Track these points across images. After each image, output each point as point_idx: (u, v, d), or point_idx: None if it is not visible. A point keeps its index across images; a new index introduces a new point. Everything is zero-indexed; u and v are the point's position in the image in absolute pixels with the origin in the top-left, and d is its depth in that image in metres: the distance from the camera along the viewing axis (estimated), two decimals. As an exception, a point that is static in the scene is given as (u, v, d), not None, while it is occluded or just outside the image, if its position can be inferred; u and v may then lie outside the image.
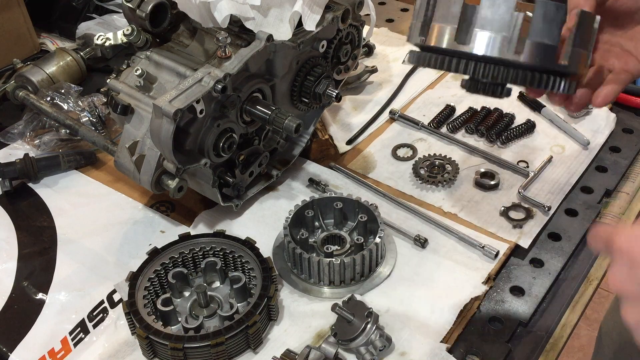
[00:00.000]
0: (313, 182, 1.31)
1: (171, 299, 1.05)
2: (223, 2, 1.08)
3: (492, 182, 1.29)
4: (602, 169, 1.35)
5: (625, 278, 0.63)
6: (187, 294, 1.10)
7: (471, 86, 0.87)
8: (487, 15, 0.78)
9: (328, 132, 1.45)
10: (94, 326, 1.07)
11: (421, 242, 1.17)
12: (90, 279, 1.15)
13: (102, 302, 1.10)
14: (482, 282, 1.10)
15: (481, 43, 0.79)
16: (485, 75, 0.81)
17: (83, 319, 1.08)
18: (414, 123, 1.47)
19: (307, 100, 1.26)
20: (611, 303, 1.36)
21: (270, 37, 1.09)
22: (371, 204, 1.16)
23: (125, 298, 1.03)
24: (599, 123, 1.44)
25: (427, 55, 0.84)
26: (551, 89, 0.82)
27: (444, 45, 0.82)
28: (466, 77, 0.86)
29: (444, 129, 1.47)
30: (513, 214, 1.23)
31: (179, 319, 1.04)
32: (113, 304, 1.10)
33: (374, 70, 1.61)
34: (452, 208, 1.26)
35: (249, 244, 1.10)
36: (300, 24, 1.15)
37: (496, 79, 0.81)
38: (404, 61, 0.90)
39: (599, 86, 0.89)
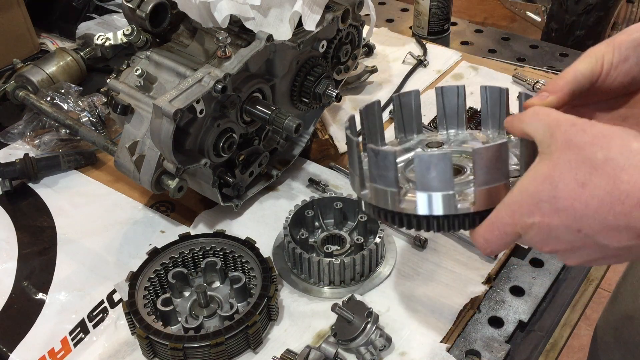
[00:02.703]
0: (313, 182, 1.31)
1: (171, 299, 1.05)
2: (223, 2, 1.08)
3: (492, 182, 1.29)
4: (602, 169, 1.34)
5: (553, 241, 0.67)
6: (187, 294, 1.10)
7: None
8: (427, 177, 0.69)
9: (328, 132, 1.45)
10: (94, 326, 1.07)
11: (421, 242, 1.17)
12: (90, 279, 1.15)
13: (102, 302, 1.10)
14: (482, 282, 1.10)
15: (422, 204, 0.71)
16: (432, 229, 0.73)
17: (83, 319, 1.08)
18: (414, 123, 1.47)
19: (307, 100, 1.26)
20: (606, 305, 1.36)
21: (270, 37, 1.09)
22: (371, 204, 1.16)
23: (125, 298, 1.03)
24: (599, 123, 1.44)
25: (386, 214, 0.76)
26: None
27: (394, 209, 0.74)
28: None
29: (444, 129, 1.47)
30: (513, 214, 1.23)
31: (179, 319, 1.04)
32: (113, 304, 1.10)
33: (374, 70, 1.61)
34: (452, 208, 1.25)
35: (249, 244, 1.10)
36: (300, 24, 1.15)
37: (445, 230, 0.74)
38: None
39: None
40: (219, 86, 1.03)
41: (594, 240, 0.63)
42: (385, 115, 1.51)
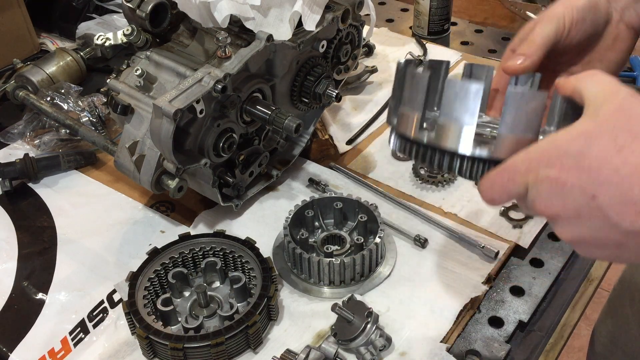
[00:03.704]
0: (313, 182, 1.31)
1: (171, 299, 1.05)
2: (223, 2, 1.08)
3: (492, 182, 1.29)
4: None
5: (559, 201, 0.61)
6: (187, 294, 1.10)
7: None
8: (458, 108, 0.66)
9: (328, 132, 1.45)
10: (94, 326, 1.07)
11: (421, 242, 1.17)
12: (90, 279, 1.15)
13: (102, 302, 1.10)
14: (482, 282, 1.10)
15: (464, 140, 0.67)
16: (468, 174, 0.70)
17: (83, 319, 1.08)
18: (414, 123, 1.47)
19: (307, 100, 1.26)
20: (603, 308, 1.36)
21: (270, 37, 1.09)
22: (371, 204, 1.16)
23: (125, 298, 1.03)
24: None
25: (406, 145, 0.73)
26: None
27: (411, 135, 0.71)
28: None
29: (444, 129, 1.46)
30: (513, 214, 1.23)
31: (179, 319, 1.04)
32: (113, 304, 1.10)
33: (374, 70, 1.61)
34: (452, 208, 1.26)
35: (249, 244, 1.10)
36: (300, 24, 1.15)
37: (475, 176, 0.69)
38: (392, 150, 0.79)
39: None
40: (219, 86, 1.03)
41: (605, 214, 0.58)
42: (385, 116, 1.51)
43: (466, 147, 0.66)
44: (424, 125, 0.70)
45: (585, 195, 0.58)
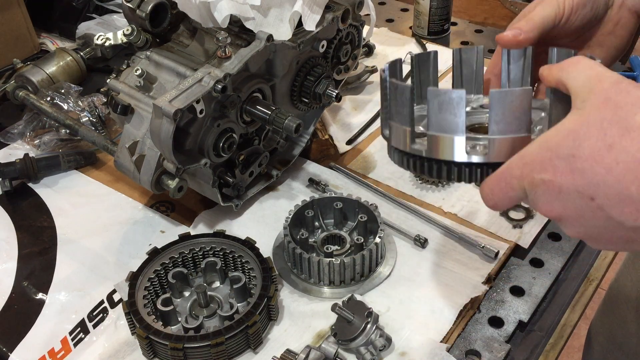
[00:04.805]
0: (313, 182, 1.31)
1: (171, 299, 1.05)
2: (223, 2, 1.08)
3: (492, 182, 1.29)
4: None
5: (559, 204, 0.60)
6: (187, 294, 1.10)
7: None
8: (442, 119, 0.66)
9: (328, 132, 1.45)
10: (94, 326, 1.07)
11: (421, 242, 1.17)
12: (90, 279, 1.15)
13: (102, 302, 1.10)
14: (482, 282, 1.10)
15: (457, 150, 0.67)
16: (468, 179, 0.69)
17: (83, 319, 1.08)
18: (414, 123, 1.47)
19: (307, 100, 1.26)
20: (599, 306, 1.36)
21: (270, 37, 1.09)
22: (371, 204, 1.16)
23: (125, 298, 1.03)
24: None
25: (403, 158, 0.73)
26: None
27: (405, 149, 0.71)
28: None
29: (444, 129, 1.46)
30: (513, 214, 1.23)
31: (179, 319, 1.04)
32: (113, 304, 1.10)
33: (374, 70, 1.61)
34: (452, 208, 1.26)
35: (249, 244, 1.10)
36: (300, 24, 1.15)
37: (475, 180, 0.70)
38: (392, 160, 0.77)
39: None
40: (219, 86, 1.03)
41: (606, 214, 0.57)
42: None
43: (460, 155, 0.66)
44: (415, 139, 0.70)
45: (583, 198, 0.57)
